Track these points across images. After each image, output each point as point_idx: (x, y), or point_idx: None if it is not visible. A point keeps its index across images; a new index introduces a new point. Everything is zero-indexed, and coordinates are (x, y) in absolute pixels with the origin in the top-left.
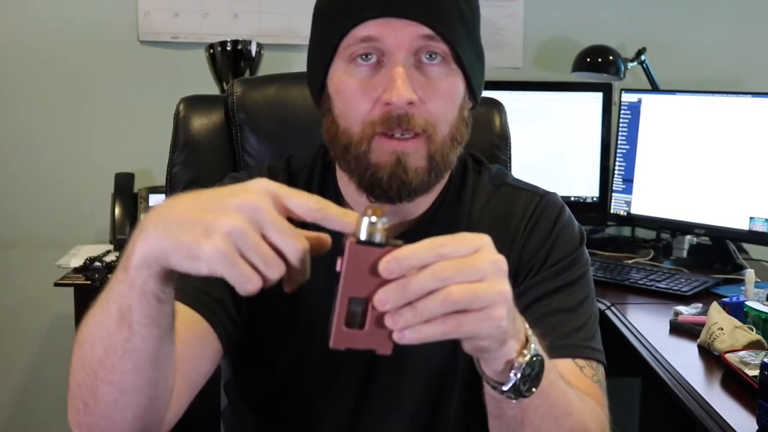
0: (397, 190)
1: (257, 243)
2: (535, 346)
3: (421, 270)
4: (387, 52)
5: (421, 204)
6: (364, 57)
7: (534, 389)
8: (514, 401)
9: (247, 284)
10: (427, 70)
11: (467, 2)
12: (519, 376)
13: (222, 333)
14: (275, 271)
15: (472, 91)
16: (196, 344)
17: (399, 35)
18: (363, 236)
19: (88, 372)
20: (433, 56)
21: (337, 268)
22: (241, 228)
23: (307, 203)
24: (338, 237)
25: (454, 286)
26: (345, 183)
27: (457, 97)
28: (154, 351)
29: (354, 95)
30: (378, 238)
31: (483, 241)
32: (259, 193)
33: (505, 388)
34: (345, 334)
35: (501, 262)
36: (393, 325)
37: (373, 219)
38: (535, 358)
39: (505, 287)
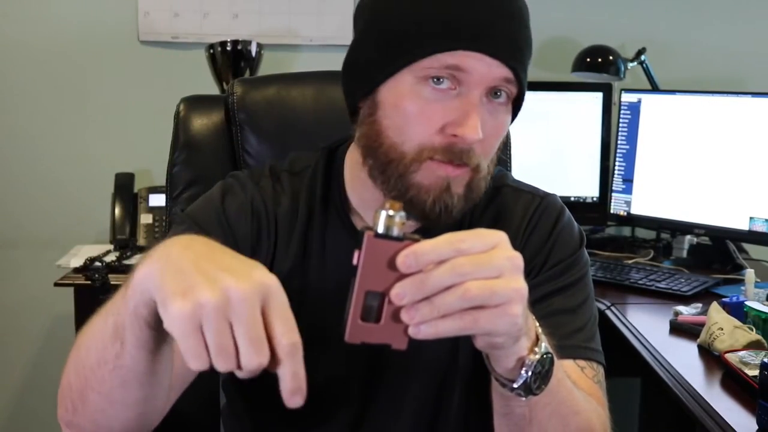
0: (439, 213)
1: (220, 329)
2: (545, 344)
3: (438, 265)
4: (466, 84)
5: None
6: (436, 80)
7: (544, 387)
8: (524, 399)
9: (192, 360)
10: (492, 107)
11: (531, 43)
12: (530, 373)
13: None
14: (224, 364)
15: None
16: None
17: (485, 73)
18: (381, 229)
19: (80, 376)
20: (499, 94)
21: (354, 262)
22: (215, 306)
23: (282, 335)
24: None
25: (471, 282)
26: (352, 187)
27: (504, 134)
28: (142, 373)
29: (418, 116)
30: (396, 231)
31: (500, 237)
32: (255, 287)
33: (515, 386)
34: (360, 328)
35: (517, 258)
36: (409, 320)
37: (391, 212)
38: (545, 356)
39: (521, 284)
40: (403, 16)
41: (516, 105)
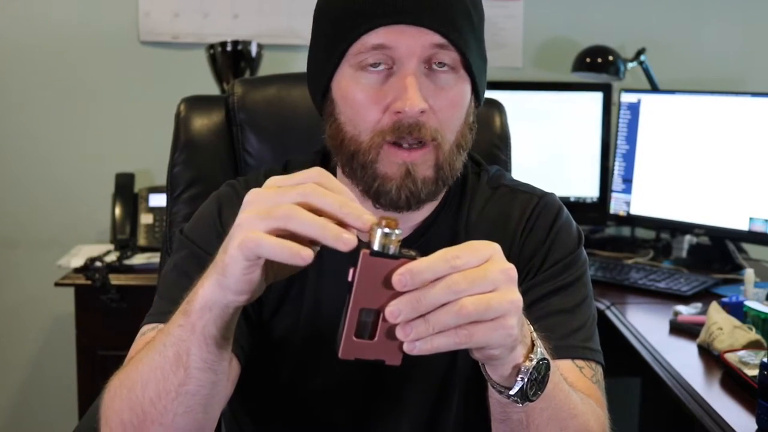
0: (406, 200)
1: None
2: (541, 350)
3: (434, 283)
4: (398, 60)
5: (424, 210)
6: (373, 65)
7: (540, 393)
8: (520, 405)
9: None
10: (437, 77)
11: (476, 8)
12: (526, 380)
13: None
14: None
15: (477, 95)
16: None
17: (411, 43)
18: (376, 247)
19: (137, 413)
20: (443, 63)
21: (349, 279)
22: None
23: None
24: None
25: (467, 299)
26: None
27: (465, 104)
28: (206, 396)
29: (363, 103)
30: (392, 249)
31: (493, 249)
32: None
33: (512, 393)
34: (355, 344)
35: (511, 270)
36: (404, 337)
37: (387, 230)
38: (541, 362)
39: (516, 296)
40: (334, 9)
41: (472, 72)
